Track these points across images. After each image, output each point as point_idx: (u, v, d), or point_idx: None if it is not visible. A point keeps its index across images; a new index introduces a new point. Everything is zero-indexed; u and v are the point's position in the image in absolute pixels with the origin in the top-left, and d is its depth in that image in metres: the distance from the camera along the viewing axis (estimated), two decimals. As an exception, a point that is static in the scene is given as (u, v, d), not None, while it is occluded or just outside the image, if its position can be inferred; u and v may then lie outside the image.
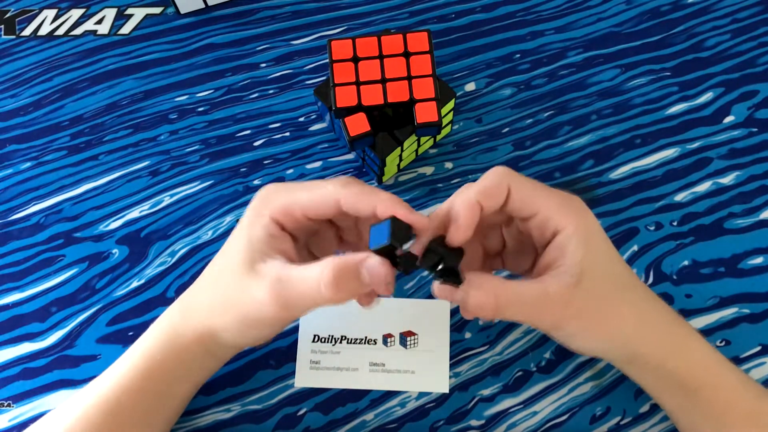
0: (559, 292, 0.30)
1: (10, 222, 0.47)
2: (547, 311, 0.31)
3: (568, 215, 0.31)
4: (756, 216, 0.46)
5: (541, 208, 0.31)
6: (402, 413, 0.41)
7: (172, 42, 0.53)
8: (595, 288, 0.31)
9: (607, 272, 0.32)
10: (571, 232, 0.31)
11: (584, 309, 0.31)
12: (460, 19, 0.54)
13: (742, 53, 0.52)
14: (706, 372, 0.34)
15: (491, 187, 0.31)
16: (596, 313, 0.32)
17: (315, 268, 0.29)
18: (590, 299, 0.31)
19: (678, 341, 0.34)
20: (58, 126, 0.50)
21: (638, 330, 0.33)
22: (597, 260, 0.32)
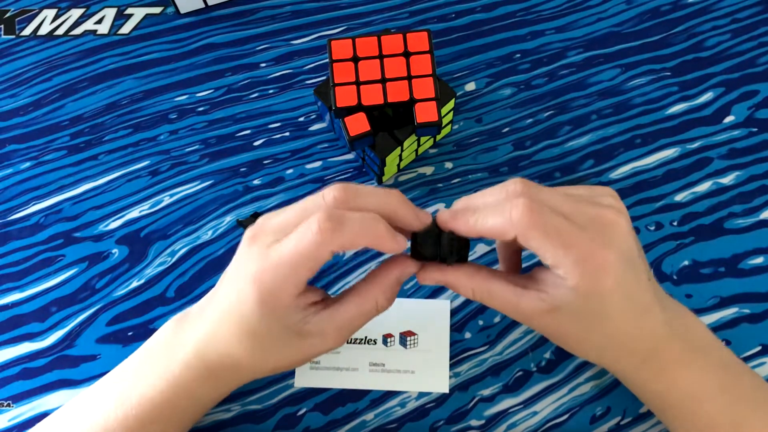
0: (528, 312, 0.32)
1: (10, 222, 0.47)
2: (515, 316, 0.33)
3: (574, 274, 0.29)
4: (756, 216, 0.46)
5: (550, 262, 0.30)
6: (402, 413, 0.41)
7: (172, 42, 0.53)
8: (563, 323, 0.32)
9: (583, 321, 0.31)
10: (570, 286, 0.30)
11: (547, 330, 0.33)
12: (460, 19, 0.54)
13: (742, 53, 0.52)
14: (682, 400, 0.34)
15: (495, 232, 0.30)
16: (560, 338, 0.33)
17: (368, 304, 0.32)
18: (556, 325, 0.32)
19: (659, 372, 0.33)
20: (57, 126, 0.50)
21: (613, 357, 0.34)
22: (581, 309, 0.31)
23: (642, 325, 0.33)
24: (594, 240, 0.29)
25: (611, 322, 0.31)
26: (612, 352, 0.33)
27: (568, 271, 0.29)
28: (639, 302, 0.32)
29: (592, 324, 0.31)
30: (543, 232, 0.29)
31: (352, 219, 0.29)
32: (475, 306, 0.43)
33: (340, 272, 0.44)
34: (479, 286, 0.32)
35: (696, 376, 0.34)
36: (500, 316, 0.43)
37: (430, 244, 0.32)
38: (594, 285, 0.30)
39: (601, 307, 0.30)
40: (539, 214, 0.29)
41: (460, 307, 0.43)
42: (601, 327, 0.32)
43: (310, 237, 0.28)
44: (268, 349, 0.32)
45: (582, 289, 0.30)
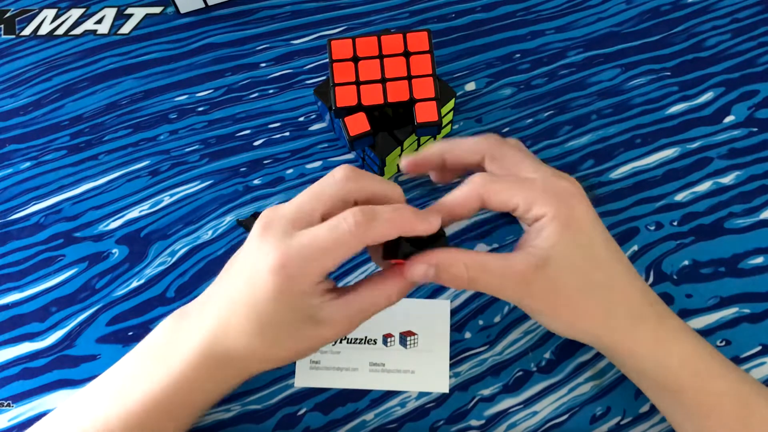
0: (520, 269, 0.32)
1: (10, 222, 0.47)
2: (509, 285, 0.33)
3: (547, 203, 0.32)
4: (756, 216, 0.46)
5: (519, 203, 0.33)
6: (402, 413, 0.41)
7: (172, 42, 0.53)
8: (558, 277, 0.32)
9: (577, 265, 0.32)
10: (549, 218, 0.32)
11: (544, 293, 0.33)
12: (460, 19, 0.54)
13: (742, 53, 0.52)
14: (687, 374, 0.34)
15: (458, 202, 0.33)
16: (556, 302, 0.33)
17: (382, 297, 0.33)
18: (551, 286, 0.32)
19: (658, 343, 0.34)
20: (57, 126, 0.50)
21: (607, 330, 0.33)
22: (569, 251, 0.32)
23: (634, 282, 0.34)
24: (558, 181, 0.33)
25: (601, 266, 0.33)
26: (611, 314, 0.33)
27: (542, 204, 0.32)
28: (622, 256, 0.34)
29: (585, 273, 0.32)
30: (507, 182, 0.33)
31: (383, 212, 0.30)
32: (475, 306, 0.43)
33: (341, 272, 0.44)
34: (471, 259, 0.32)
35: (699, 351, 0.34)
36: (500, 316, 0.43)
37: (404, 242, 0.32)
38: (570, 212, 0.32)
39: (588, 242, 0.32)
40: (498, 176, 0.34)
41: (460, 306, 0.43)
42: (594, 276, 0.32)
43: (345, 229, 0.29)
44: (281, 338, 0.32)
45: (561, 216, 0.32)
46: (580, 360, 0.42)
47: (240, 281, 0.32)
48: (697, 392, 0.34)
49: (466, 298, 0.43)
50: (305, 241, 0.30)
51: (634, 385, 0.39)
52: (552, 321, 0.34)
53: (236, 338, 0.32)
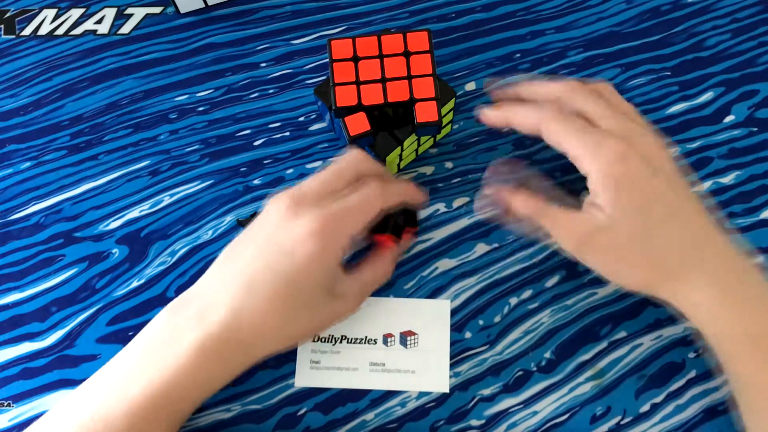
0: (581, 230, 0.35)
1: (10, 222, 0.47)
2: (571, 239, 0.36)
3: (592, 161, 0.34)
4: (756, 216, 0.46)
5: (569, 152, 0.36)
6: (402, 413, 0.41)
7: (172, 41, 0.53)
8: (615, 239, 0.34)
9: (633, 228, 0.34)
10: (594, 178, 0.34)
11: (601, 253, 0.36)
12: (460, 19, 0.54)
13: (742, 53, 0.52)
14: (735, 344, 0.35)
15: (521, 118, 0.39)
16: (613, 262, 0.35)
17: (380, 270, 0.40)
18: (608, 247, 0.35)
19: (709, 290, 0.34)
20: (57, 126, 0.50)
21: (663, 282, 0.35)
22: (626, 215, 0.34)
23: (694, 231, 0.35)
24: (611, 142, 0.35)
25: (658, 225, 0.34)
26: (668, 268, 0.34)
27: (586, 163, 0.35)
28: (682, 204, 0.35)
29: (642, 234, 0.34)
30: (566, 128, 0.36)
31: (392, 182, 0.38)
32: (476, 306, 0.43)
33: (340, 272, 0.44)
34: (531, 202, 0.38)
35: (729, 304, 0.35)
36: (500, 316, 0.43)
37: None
38: (621, 172, 0.34)
39: (642, 203, 0.34)
40: (563, 115, 0.37)
41: (460, 306, 0.43)
42: (650, 235, 0.34)
43: (371, 193, 0.36)
44: (299, 314, 0.34)
45: (610, 177, 0.34)
46: (581, 360, 0.42)
47: (262, 260, 0.34)
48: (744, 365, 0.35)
49: (466, 298, 0.43)
50: (338, 206, 0.35)
51: (635, 385, 0.39)
52: (605, 273, 0.36)
53: (250, 321, 0.33)
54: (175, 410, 0.34)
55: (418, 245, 0.45)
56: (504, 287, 0.44)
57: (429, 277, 0.44)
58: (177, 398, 0.34)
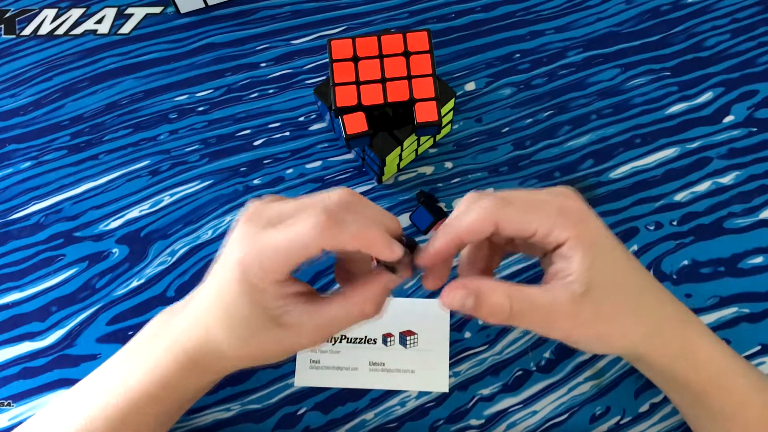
0: (568, 302, 0.30)
1: (10, 221, 0.47)
2: (558, 322, 0.31)
3: (566, 227, 0.30)
4: (756, 216, 0.46)
5: (537, 227, 0.30)
6: (402, 412, 0.41)
7: (172, 41, 0.53)
8: (604, 298, 0.31)
9: (615, 281, 0.32)
10: (573, 243, 0.30)
11: (592, 320, 0.31)
12: (459, 19, 0.54)
13: (741, 53, 0.52)
14: (712, 376, 0.34)
15: (474, 227, 0.31)
16: (604, 324, 0.32)
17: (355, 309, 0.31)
18: (599, 310, 0.31)
19: (685, 345, 0.34)
20: (58, 125, 0.50)
21: (645, 338, 0.33)
22: (605, 269, 0.31)
23: (656, 285, 0.34)
24: (566, 201, 0.31)
25: (630, 278, 0.32)
26: (646, 323, 0.33)
27: (563, 228, 0.30)
28: (636, 261, 0.34)
29: (622, 288, 0.32)
30: (522, 206, 0.31)
31: (350, 221, 0.29)
32: (475, 305, 0.43)
33: (340, 272, 0.44)
34: (515, 290, 0.30)
35: (722, 352, 0.34)
36: (500, 316, 0.43)
37: None
38: (590, 231, 0.31)
39: (614, 257, 0.32)
40: (506, 197, 0.31)
41: (460, 306, 0.43)
42: (628, 289, 0.32)
43: (305, 230, 0.28)
44: (247, 336, 0.31)
45: (584, 238, 0.30)
46: (580, 359, 0.42)
47: (216, 275, 0.31)
48: (721, 392, 0.34)
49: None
50: (264, 240, 0.29)
51: (634, 385, 0.39)
52: (589, 346, 0.33)
53: (208, 333, 0.32)
54: (152, 413, 0.34)
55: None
56: (504, 287, 0.44)
57: (429, 277, 0.44)
58: (152, 403, 0.33)
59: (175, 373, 0.33)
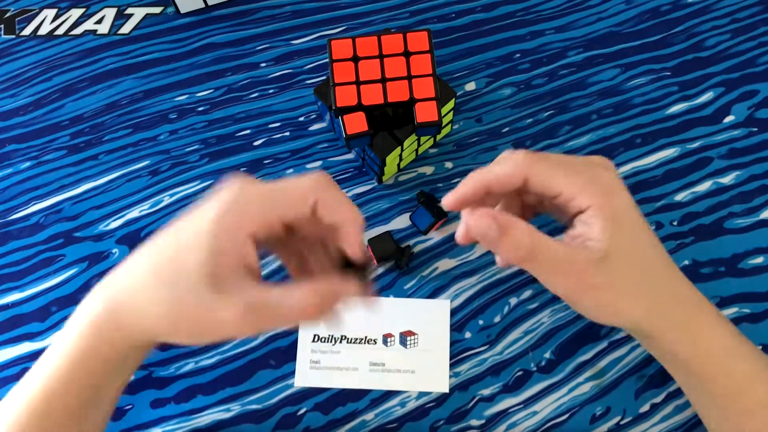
0: (583, 262, 0.31)
1: (10, 222, 0.47)
2: (569, 276, 0.31)
3: (592, 196, 0.31)
4: (756, 216, 0.46)
5: (563, 190, 0.31)
6: (402, 413, 0.41)
7: (172, 42, 0.53)
8: (617, 269, 0.32)
9: (632, 255, 0.32)
10: (594, 211, 0.31)
11: (602, 285, 0.32)
12: (460, 19, 0.54)
13: (741, 53, 0.52)
14: (713, 358, 0.34)
15: (502, 176, 0.32)
16: (612, 292, 0.32)
17: (297, 294, 0.28)
18: (611, 277, 0.32)
19: (689, 325, 0.34)
20: (57, 125, 0.50)
21: (649, 313, 0.33)
22: (624, 242, 0.32)
23: (673, 267, 0.34)
24: (602, 172, 0.32)
25: (649, 256, 0.33)
26: (657, 301, 0.33)
27: (588, 196, 0.31)
28: (659, 242, 0.34)
29: (638, 264, 0.32)
30: (554, 166, 0.32)
31: (337, 187, 0.30)
32: (476, 306, 0.43)
33: (340, 272, 0.44)
34: (537, 234, 0.30)
35: (729, 334, 0.34)
36: (500, 316, 0.43)
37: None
38: (615, 203, 0.32)
39: (634, 233, 0.32)
40: (541, 155, 0.32)
41: (461, 306, 0.43)
42: (645, 266, 0.33)
43: (304, 182, 0.29)
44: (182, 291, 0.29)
45: (607, 209, 0.31)
46: (580, 360, 0.42)
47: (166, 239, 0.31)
48: (722, 375, 0.34)
49: (466, 297, 0.43)
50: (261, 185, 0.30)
51: (635, 385, 0.39)
52: (598, 311, 0.33)
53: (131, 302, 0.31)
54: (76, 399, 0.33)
55: (419, 245, 0.45)
56: (504, 287, 0.44)
57: (429, 277, 0.44)
58: (75, 386, 0.32)
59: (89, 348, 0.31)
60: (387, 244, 0.43)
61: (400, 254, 0.44)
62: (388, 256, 0.43)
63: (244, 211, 0.29)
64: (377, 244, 0.43)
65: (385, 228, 0.45)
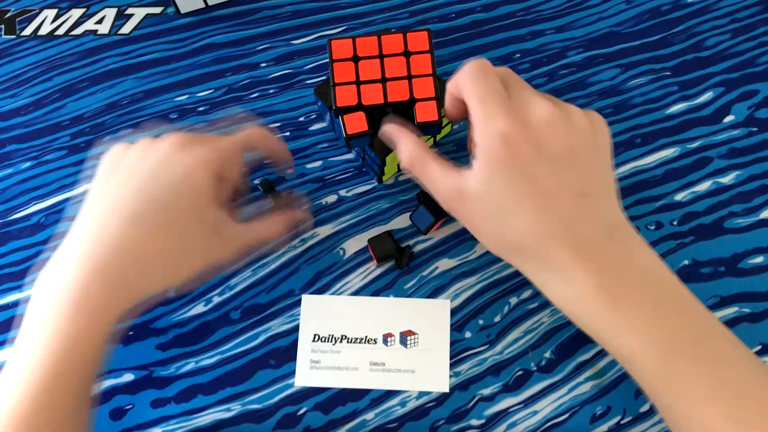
0: (447, 189, 0.34)
1: (10, 222, 0.47)
2: (442, 193, 0.35)
3: (481, 135, 0.33)
4: (756, 215, 0.46)
5: (470, 113, 0.34)
6: (402, 413, 0.41)
7: (173, 42, 0.53)
8: (477, 209, 0.34)
9: (498, 203, 0.33)
10: (478, 149, 0.33)
11: (468, 214, 0.34)
12: (460, 19, 0.54)
13: (741, 53, 0.52)
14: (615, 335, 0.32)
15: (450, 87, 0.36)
16: (477, 225, 0.34)
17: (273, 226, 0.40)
18: (471, 212, 0.34)
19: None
20: (58, 126, 0.50)
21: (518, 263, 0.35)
22: (491, 186, 0.33)
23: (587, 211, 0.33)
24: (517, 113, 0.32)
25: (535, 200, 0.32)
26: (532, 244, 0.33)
27: (479, 130, 0.33)
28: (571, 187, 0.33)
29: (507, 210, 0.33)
30: (476, 86, 0.33)
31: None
32: (476, 305, 0.43)
33: (340, 272, 0.44)
34: (418, 155, 0.36)
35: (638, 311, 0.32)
36: (500, 316, 0.43)
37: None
38: (495, 146, 0.32)
39: (514, 176, 0.32)
40: (484, 75, 0.33)
41: (461, 306, 0.43)
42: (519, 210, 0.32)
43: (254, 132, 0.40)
44: (184, 242, 0.34)
45: (487, 147, 0.32)
46: (581, 359, 0.42)
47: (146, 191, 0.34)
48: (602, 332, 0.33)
49: (466, 297, 0.43)
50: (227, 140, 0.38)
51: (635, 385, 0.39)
52: (476, 236, 0.35)
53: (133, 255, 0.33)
54: (79, 372, 0.32)
55: (419, 245, 0.45)
56: (504, 287, 0.44)
57: (429, 277, 0.44)
58: (75, 360, 0.32)
59: (89, 315, 0.32)
60: (387, 244, 0.43)
61: (400, 254, 0.44)
62: (388, 255, 0.43)
63: (226, 176, 0.38)
64: (377, 244, 0.43)
65: (386, 228, 0.45)
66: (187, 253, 0.35)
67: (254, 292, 0.44)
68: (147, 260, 0.33)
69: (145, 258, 0.33)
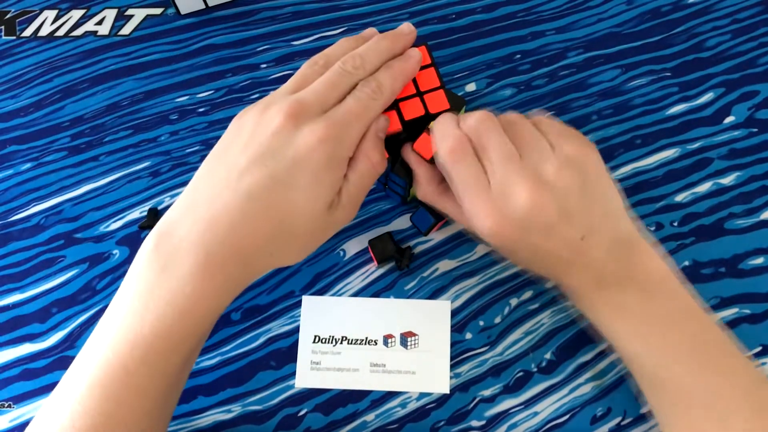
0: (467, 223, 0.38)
1: (11, 223, 0.47)
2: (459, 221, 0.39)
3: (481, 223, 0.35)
4: (756, 216, 0.46)
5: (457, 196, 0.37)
6: (403, 414, 0.41)
7: (173, 43, 0.53)
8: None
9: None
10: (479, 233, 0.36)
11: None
12: (460, 20, 0.54)
13: (742, 53, 0.52)
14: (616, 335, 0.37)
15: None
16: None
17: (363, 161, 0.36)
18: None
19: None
20: (58, 127, 0.50)
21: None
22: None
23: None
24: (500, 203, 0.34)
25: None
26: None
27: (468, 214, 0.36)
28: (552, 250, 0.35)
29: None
30: (455, 175, 0.36)
31: (383, 75, 0.37)
32: (476, 306, 0.43)
33: (341, 273, 0.44)
34: (432, 198, 0.40)
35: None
36: (501, 317, 0.43)
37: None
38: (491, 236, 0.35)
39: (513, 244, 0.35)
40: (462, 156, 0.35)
41: (461, 307, 0.43)
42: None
43: (366, 96, 0.35)
44: (301, 223, 0.33)
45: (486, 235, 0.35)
46: (581, 360, 0.42)
47: (260, 168, 0.32)
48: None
49: (466, 298, 0.43)
50: (341, 111, 0.34)
51: (635, 386, 0.39)
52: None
53: (252, 232, 0.32)
54: (185, 343, 0.32)
55: (419, 246, 0.45)
56: (504, 288, 0.44)
57: (429, 278, 0.44)
58: (183, 334, 0.32)
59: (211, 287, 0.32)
60: (387, 244, 0.43)
61: (400, 255, 0.44)
62: (388, 256, 0.43)
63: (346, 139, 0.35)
64: (378, 244, 0.43)
65: (386, 229, 0.45)
66: (300, 233, 0.34)
67: (254, 294, 0.44)
68: (261, 241, 0.32)
69: (260, 239, 0.32)
